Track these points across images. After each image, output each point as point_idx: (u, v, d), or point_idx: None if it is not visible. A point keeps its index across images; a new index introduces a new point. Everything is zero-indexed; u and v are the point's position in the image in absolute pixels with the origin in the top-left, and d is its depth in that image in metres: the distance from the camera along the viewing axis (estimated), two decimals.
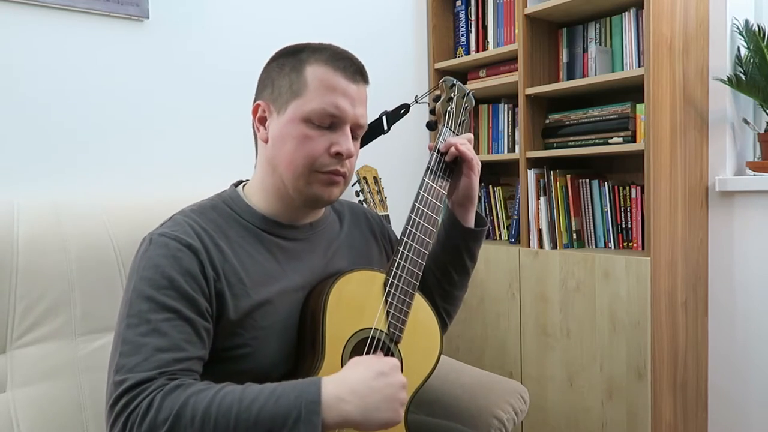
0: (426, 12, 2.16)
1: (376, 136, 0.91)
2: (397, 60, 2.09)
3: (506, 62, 2.01)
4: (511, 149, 2.05)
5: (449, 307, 1.10)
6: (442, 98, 1.05)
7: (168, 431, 0.68)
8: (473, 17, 2.13)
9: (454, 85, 1.07)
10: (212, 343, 0.81)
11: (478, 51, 2.12)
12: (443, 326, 1.11)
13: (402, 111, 1.04)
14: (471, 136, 1.03)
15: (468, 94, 1.08)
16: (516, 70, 1.90)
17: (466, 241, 1.04)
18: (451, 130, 1.03)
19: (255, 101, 0.92)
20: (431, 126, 1.06)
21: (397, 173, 2.03)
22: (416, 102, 1.08)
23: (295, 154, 0.85)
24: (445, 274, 1.07)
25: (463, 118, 1.06)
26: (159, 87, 1.50)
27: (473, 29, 2.13)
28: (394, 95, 1.95)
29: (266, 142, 0.90)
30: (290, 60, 0.88)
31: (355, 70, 0.88)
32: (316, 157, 0.86)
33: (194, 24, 1.56)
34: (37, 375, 1.03)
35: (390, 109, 1.07)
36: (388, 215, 1.81)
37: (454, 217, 1.04)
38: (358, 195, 1.83)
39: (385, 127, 1.00)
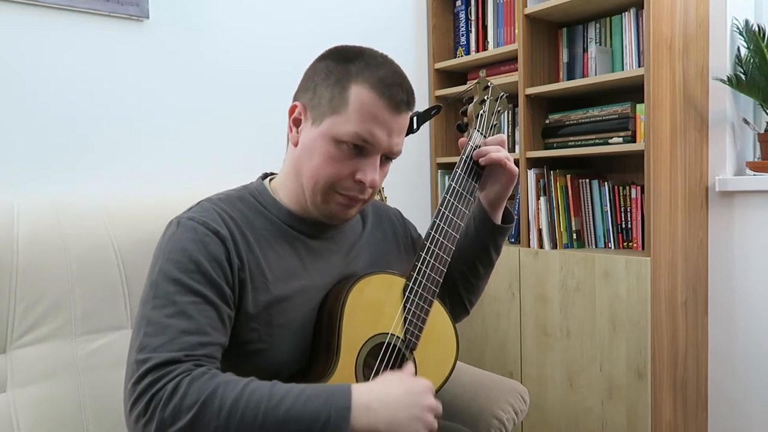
0: (426, 12, 2.16)
1: (406, 136, 0.91)
2: (397, 60, 2.06)
3: (506, 62, 2.01)
4: (511, 149, 2.04)
5: (472, 297, 1.11)
6: (474, 100, 1.03)
7: (193, 418, 0.67)
8: (473, 17, 2.13)
9: (488, 86, 1.04)
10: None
11: (478, 51, 2.12)
12: (464, 313, 1.12)
13: (433, 111, 1.02)
14: (503, 137, 1.00)
15: (501, 97, 1.05)
16: (516, 70, 1.90)
17: (494, 236, 1.04)
18: (481, 134, 1.00)
19: (294, 99, 0.90)
20: (461, 128, 1.03)
21: (397, 173, 2.03)
22: (447, 103, 1.07)
23: (319, 171, 0.84)
24: (471, 268, 1.07)
25: (495, 122, 1.03)
26: (159, 87, 1.50)
27: (473, 29, 2.13)
28: None
29: (296, 145, 0.88)
30: (338, 69, 0.85)
31: (402, 100, 0.85)
32: (339, 179, 0.85)
33: (194, 24, 1.56)
34: (37, 375, 1.03)
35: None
36: None
37: (485, 214, 1.03)
38: None
39: (415, 127, 0.99)
